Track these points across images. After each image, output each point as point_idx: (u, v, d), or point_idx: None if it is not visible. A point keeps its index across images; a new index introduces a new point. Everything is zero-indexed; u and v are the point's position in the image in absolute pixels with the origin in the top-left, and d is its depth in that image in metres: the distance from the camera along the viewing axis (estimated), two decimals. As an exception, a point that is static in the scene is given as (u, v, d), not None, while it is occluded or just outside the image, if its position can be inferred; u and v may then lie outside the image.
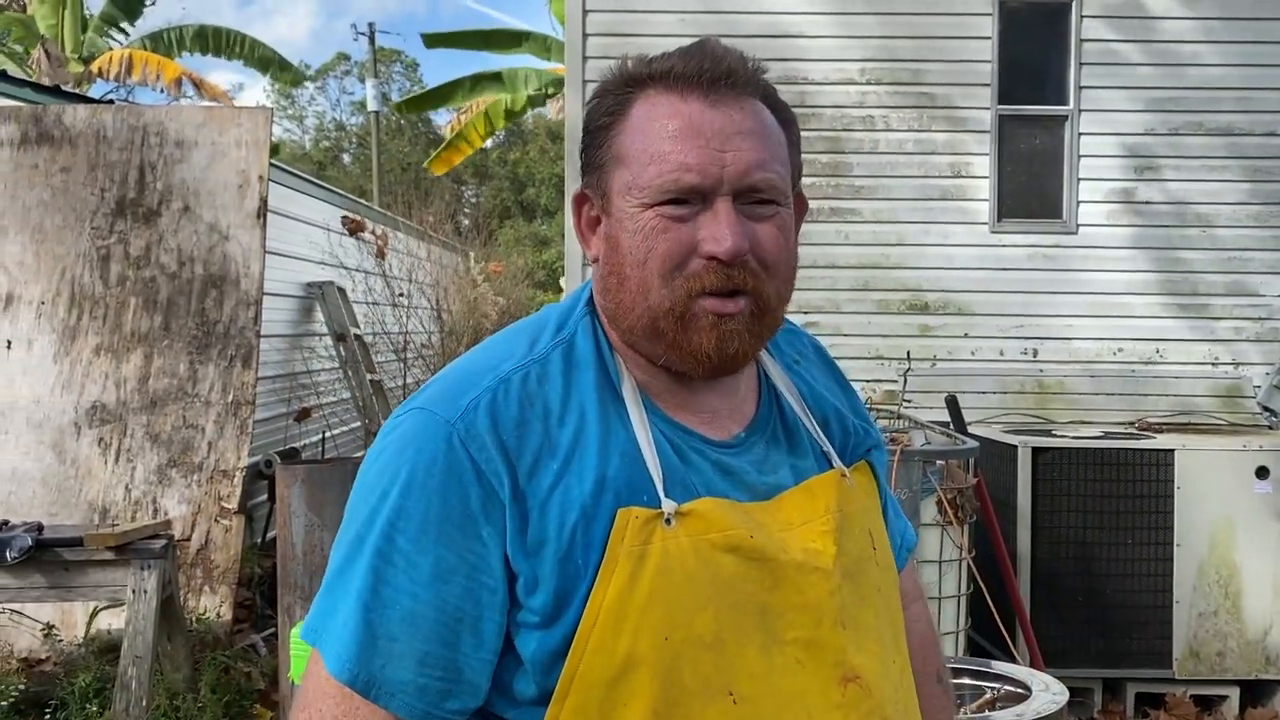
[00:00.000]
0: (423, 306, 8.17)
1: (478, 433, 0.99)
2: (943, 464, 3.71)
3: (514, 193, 30.09)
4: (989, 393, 5.73)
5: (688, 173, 1.02)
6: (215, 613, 4.80)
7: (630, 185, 1.04)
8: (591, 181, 1.09)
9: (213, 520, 4.94)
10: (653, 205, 1.03)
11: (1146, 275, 6.12)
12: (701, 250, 1.02)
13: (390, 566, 0.98)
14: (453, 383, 1.05)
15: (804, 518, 1.08)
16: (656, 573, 0.98)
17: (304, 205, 7.18)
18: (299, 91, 34.84)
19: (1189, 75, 6.08)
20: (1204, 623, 4.41)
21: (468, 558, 0.98)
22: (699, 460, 1.06)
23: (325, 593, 1.03)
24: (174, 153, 5.36)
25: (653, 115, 1.04)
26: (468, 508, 0.98)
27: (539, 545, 0.98)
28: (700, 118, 1.03)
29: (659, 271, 1.03)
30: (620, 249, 1.05)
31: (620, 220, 1.05)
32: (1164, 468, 4.41)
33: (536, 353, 1.06)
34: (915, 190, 6.12)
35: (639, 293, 1.04)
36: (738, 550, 1.01)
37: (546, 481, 0.99)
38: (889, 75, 6.12)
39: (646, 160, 1.03)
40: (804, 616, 1.03)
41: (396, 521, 0.98)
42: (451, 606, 0.98)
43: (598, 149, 1.08)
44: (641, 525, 0.99)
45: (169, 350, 5.16)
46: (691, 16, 6.06)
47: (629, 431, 1.03)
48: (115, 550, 3.82)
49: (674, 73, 1.04)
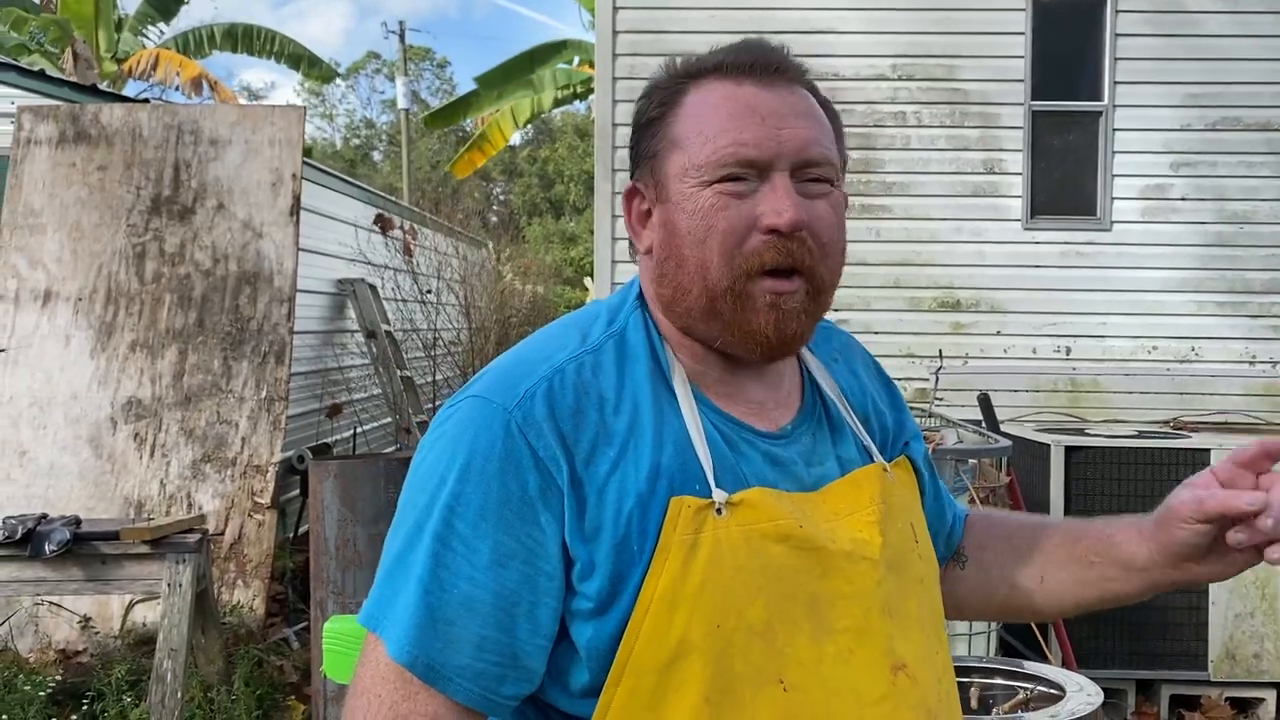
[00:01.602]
0: (451, 303, 8.20)
1: (535, 420, 1.00)
2: (975, 463, 3.68)
3: (542, 189, 30.15)
4: (1021, 391, 5.68)
5: (744, 147, 1.03)
6: (248, 606, 4.84)
7: (687, 166, 1.05)
8: (644, 173, 1.10)
9: (246, 515, 4.99)
10: (711, 183, 1.03)
11: (1182, 272, 6.05)
12: (761, 224, 1.03)
13: (449, 551, 0.99)
14: (508, 371, 1.06)
15: (850, 508, 1.09)
16: (708, 561, 0.99)
17: (336, 203, 7.23)
18: (330, 90, 35.10)
19: (1226, 70, 6.00)
20: (1240, 624, 4.36)
21: (526, 543, 0.98)
22: (749, 450, 1.07)
23: (385, 579, 1.03)
24: (208, 151, 5.42)
25: (707, 100, 1.06)
26: (526, 493, 0.99)
27: (596, 531, 0.99)
28: (755, 99, 1.05)
29: (720, 249, 1.03)
30: (678, 231, 1.06)
31: (678, 203, 1.06)
32: (1200, 467, 4.24)
33: (589, 344, 1.07)
34: (947, 187, 6.08)
35: (698, 272, 1.04)
36: (788, 540, 1.02)
37: (603, 469, 1.00)
38: (921, 71, 6.08)
39: (703, 140, 1.04)
40: (853, 606, 1.04)
41: (455, 507, 0.99)
42: (509, 591, 0.98)
43: (650, 139, 1.09)
44: (694, 514, 1.00)
45: (203, 346, 5.22)
46: (722, 14, 6.05)
47: (681, 422, 1.04)
48: (151, 544, 3.86)
49: (726, 64, 1.07)
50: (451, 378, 8.30)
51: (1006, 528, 1.32)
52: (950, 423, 4.25)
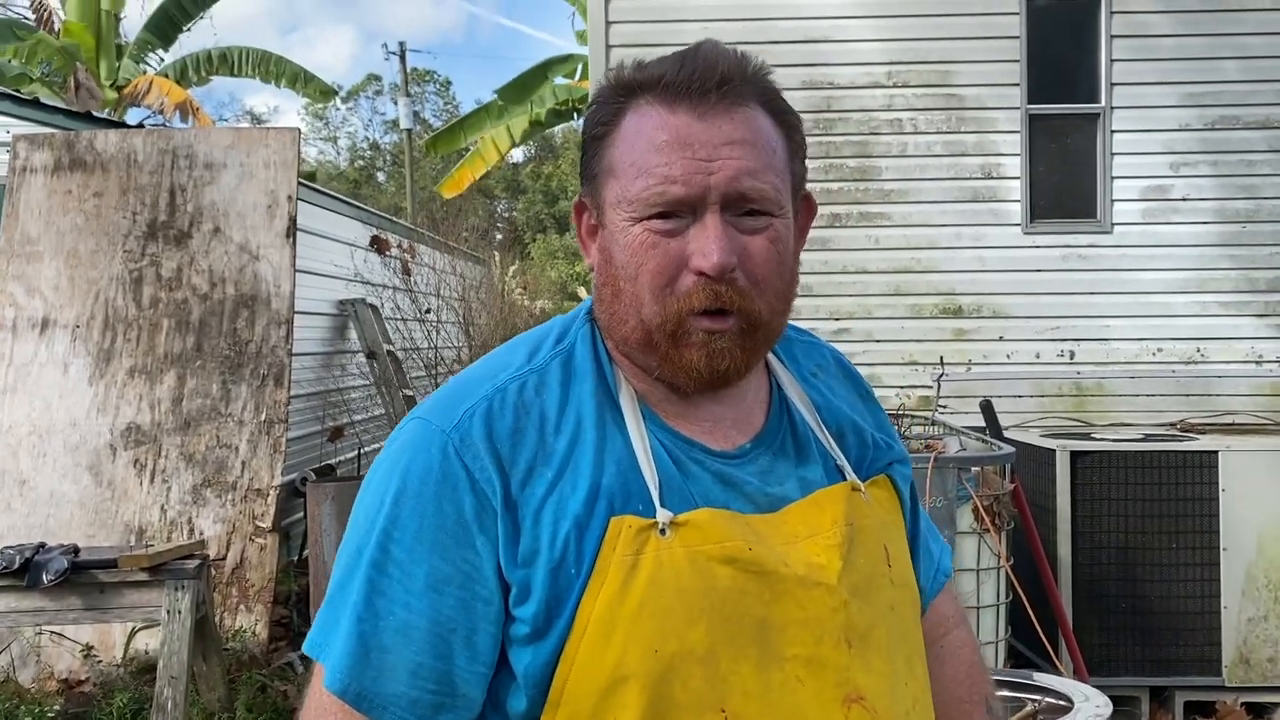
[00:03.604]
0: (451, 321, 8.18)
1: (472, 441, 0.99)
2: (978, 470, 3.64)
3: (546, 205, 30.21)
4: (1026, 396, 5.63)
5: (673, 185, 1.00)
6: (251, 631, 4.81)
7: (620, 199, 1.03)
8: (588, 191, 1.09)
9: (247, 539, 4.97)
10: (641, 219, 1.02)
11: (1185, 273, 6.00)
12: (691, 265, 1.01)
13: (385, 577, 0.97)
14: (450, 393, 1.05)
15: (810, 531, 1.05)
16: (648, 583, 0.96)
17: (335, 223, 7.22)
18: (333, 113, 35.25)
19: (1223, 68, 5.96)
20: (1254, 628, 4.30)
21: (462, 568, 0.97)
22: (698, 470, 1.04)
23: (327, 606, 1.02)
24: (203, 175, 5.42)
25: (641, 128, 1.03)
26: (462, 517, 0.97)
27: (532, 555, 0.97)
28: (688, 130, 1.01)
29: (650, 288, 1.02)
30: (614, 262, 1.05)
31: (613, 233, 1.05)
32: (1208, 469, 4.31)
33: (535, 362, 1.06)
34: (946, 193, 6.04)
35: (632, 306, 1.04)
36: (735, 562, 0.99)
37: (540, 490, 0.98)
38: (916, 77, 6.06)
39: (634, 173, 1.02)
40: (805, 633, 1.00)
41: (391, 531, 0.98)
42: (445, 617, 0.97)
43: (592, 158, 1.08)
44: (635, 534, 0.97)
45: (202, 371, 5.20)
46: (716, 25, 6.04)
47: (626, 440, 1.02)
48: (149, 571, 3.85)
49: (664, 81, 1.03)
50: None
51: (952, 668, 1.25)
52: (953, 430, 4.21)
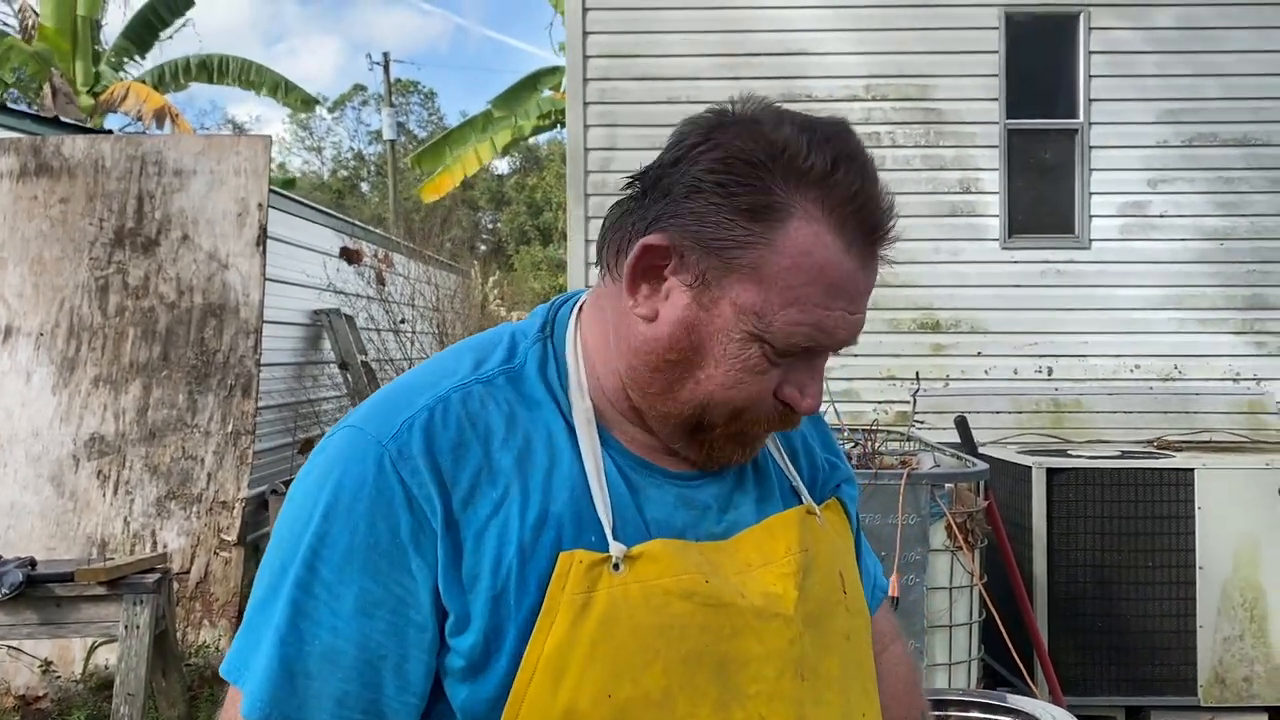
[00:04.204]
0: (426, 332, 8.10)
1: (410, 454, 0.90)
2: (952, 487, 3.59)
3: (530, 217, 30.14)
4: (1003, 412, 5.60)
5: (823, 335, 0.93)
6: (215, 646, 4.72)
7: (755, 310, 0.91)
8: (696, 251, 0.91)
9: (212, 552, 4.87)
10: (766, 344, 0.92)
11: (1163, 290, 5.99)
12: (784, 394, 0.96)
13: (311, 598, 0.90)
14: (387, 400, 0.96)
15: (764, 559, 0.99)
16: (600, 623, 0.89)
17: (308, 232, 7.14)
18: (316, 123, 35.12)
19: (1201, 86, 5.96)
20: (1229, 647, 4.26)
21: (395, 591, 0.89)
22: (655, 494, 0.97)
23: (247, 627, 0.94)
24: (172, 181, 5.33)
25: (816, 255, 0.91)
26: (397, 536, 0.89)
27: (472, 580, 0.90)
28: (852, 281, 0.93)
29: (728, 405, 0.95)
30: (704, 355, 0.93)
31: (719, 329, 0.92)
32: (1184, 487, 4.27)
33: (482, 373, 0.97)
34: (924, 207, 6.02)
35: (703, 403, 0.95)
36: (692, 596, 0.92)
37: (484, 511, 0.91)
38: (895, 91, 6.04)
39: (787, 301, 0.91)
40: (766, 668, 0.94)
41: (319, 549, 0.90)
42: (374, 643, 0.90)
43: (726, 233, 0.91)
44: (586, 571, 0.90)
45: (168, 380, 5.11)
46: (695, 36, 6.01)
47: (578, 463, 0.94)
48: (107, 585, 3.75)
49: (843, 208, 0.91)
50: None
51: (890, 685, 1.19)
52: (927, 446, 4.16)
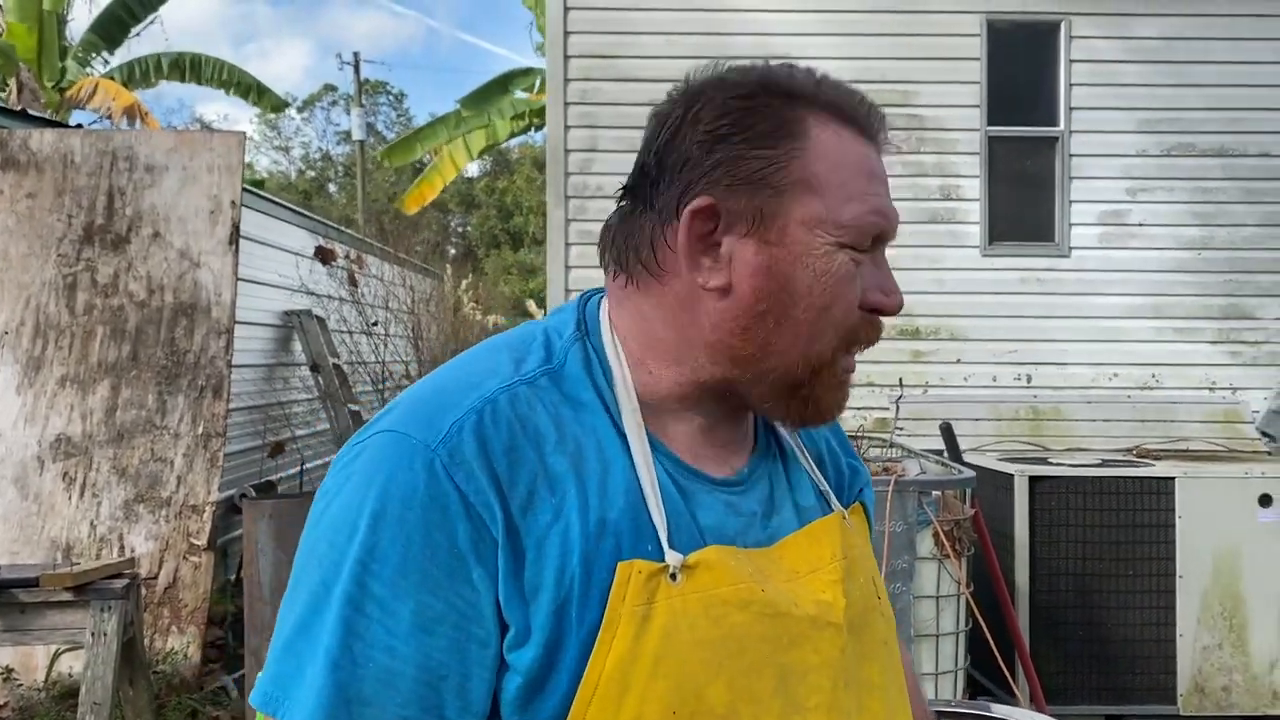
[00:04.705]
0: (399, 335, 8.00)
1: (464, 458, 0.84)
2: (939, 495, 3.56)
3: (501, 221, 30.01)
4: (982, 419, 5.59)
5: (883, 219, 0.94)
6: (183, 654, 4.61)
7: (824, 219, 0.91)
8: (740, 196, 0.91)
9: (181, 557, 4.76)
10: (846, 247, 0.92)
11: (1141, 299, 6.01)
12: (869, 301, 0.94)
13: (363, 617, 0.82)
14: (427, 402, 0.89)
15: (810, 566, 0.96)
16: (662, 637, 0.85)
17: (281, 232, 7.03)
18: (286, 123, 34.80)
19: (1181, 95, 6.00)
20: (1208, 656, 4.26)
21: (456, 604, 0.83)
22: (706, 499, 0.93)
23: (285, 651, 0.85)
24: (144, 178, 5.22)
25: (845, 148, 0.93)
26: (455, 546, 0.83)
27: (535, 591, 0.84)
28: (880, 166, 0.96)
29: (838, 322, 0.93)
30: (794, 288, 0.91)
31: (800, 255, 0.91)
32: (1165, 496, 4.27)
33: (524, 373, 0.91)
34: (905, 213, 5.89)
35: (805, 339, 0.92)
36: (749, 606, 0.88)
37: (544, 518, 0.85)
38: (876, 96, 5.86)
39: (846, 196, 0.92)
40: (823, 679, 0.91)
41: (369, 563, 0.83)
42: (435, 662, 0.83)
43: (761, 165, 0.91)
44: (645, 581, 0.85)
45: (137, 381, 5.00)
46: (676, 38, 5.97)
47: (631, 469, 0.90)
48: (73, 591, 3.64)
49: (841, 105, 0.95)
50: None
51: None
52: (912, 453, 4.13)
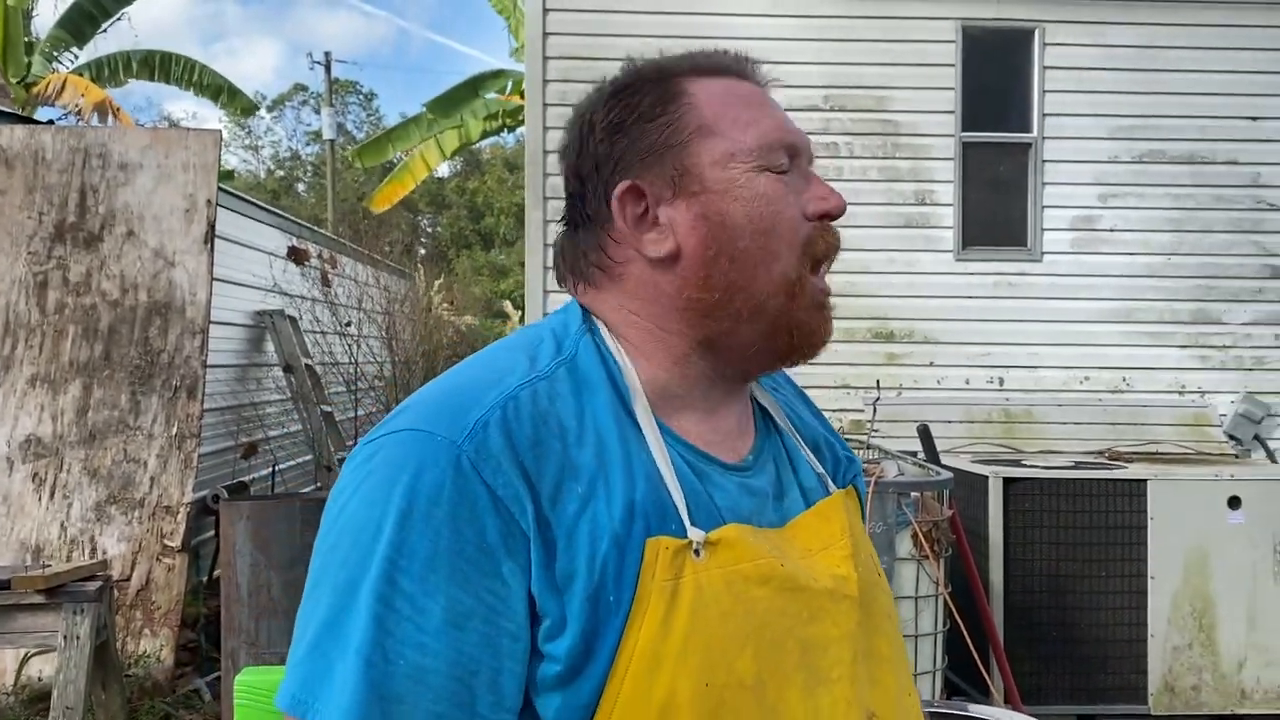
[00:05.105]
0: (373, 336, 7.95)
1: (491, 453, 0.85)
2: (917, 496, 3.59)
3: (471, 221, 29.90)
4: (955, 422, 5.64)
5: (788, 133, 0.98)
6: (156, 657, 4.56)
7: (733, 151, 0.96)
8: (653, 167, 0.97)
9: (154, 559, 4.71)
10: (765, 169, 0.96)
11: (1112, 303, 6.09)
12: (810, 210, 0.97)
13: (393, 613, 0.82)
14: (448, 399, 0.90)
15: (822, 543, 0.99)
16: (691, 611, 0.87)
17: (255, 232, 6.97)
18: (255, 122, 34.51)
19: (1152, 103, 6.08)
20: (1178, 656, 4.32)
21: (486, 599, 0.83)
22: (720, 481, 0.96)
23: (312, 651, 0.85)
24: (117, 175, 5.16)
25: (727, 89, 0.99)
26: (484, 540, 0.83)
27: (568, 580, 0.85)
28: (763, 96, 1.01)
29: (787, 236, 0.96)
30: (732, 222, 0.95)
31: (726, 191, 0.96)
32: (1137, 498, 4.33)
33: (540, 369, 0.93)
34: (880, 218, 6.05)
35: (761, 266, 0.95)
36: (770, 581, 0.91)
37: (572, 507, 0.86)
38: (852, 102, 6.07)
39: (743, 125, 0.97)
40: (843, 651, 0.94)
41: (397, 560, 0.82)
42: (467, 657, 0.83)
43: (659, 132, 0.97)
44: (672, 557, 0.87)
45: (109, 381, 4.94)
46: (654, 41, 5.97)
47: (648, 454, 0.92)
48: (45, 594, 3.60)
49: (711, 64, 1.01)
50: (374, 412, 8.04)
51: None
52: (890, 455, 4.16)
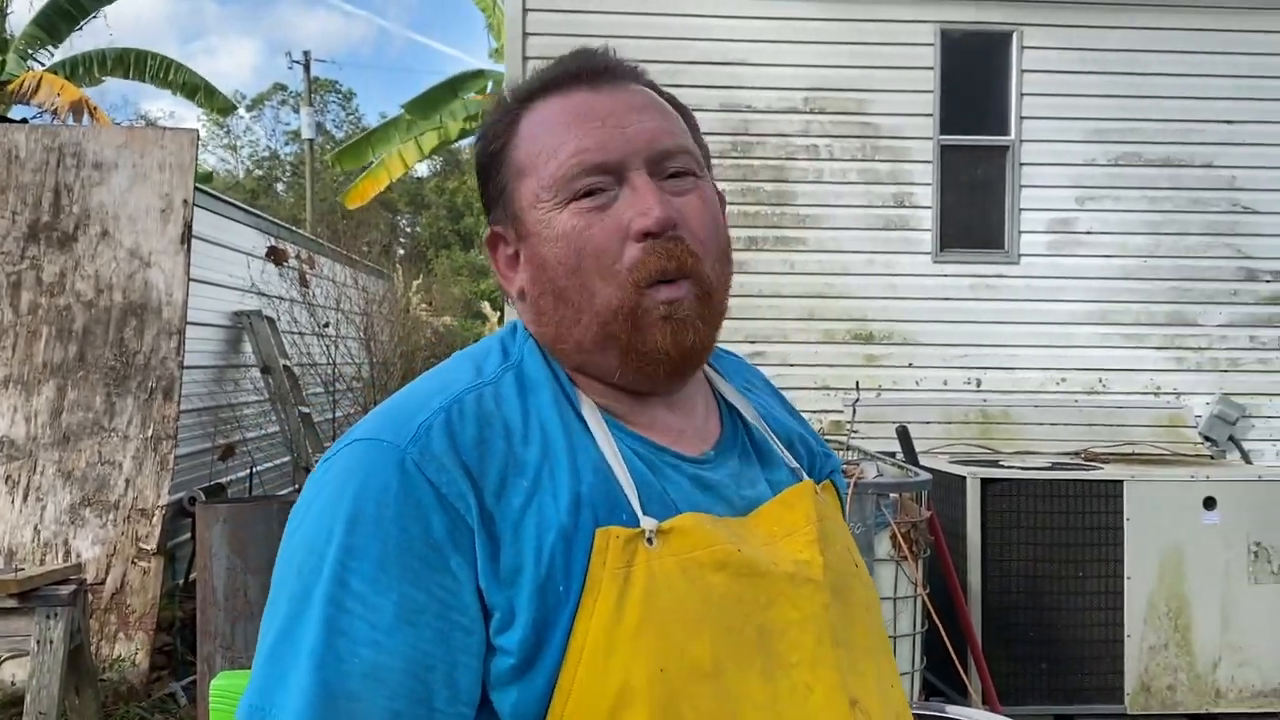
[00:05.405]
0: (351, 337, 7.91)
1: (434, 453, 0.87)
2: (896, 497, 3.60)
3: (451, 222, 29.82)
4: (933, 423, 5.66)
5: (588, 153, 0.94)
6: (131, 661, 4.52)
7: (537, 193, 0.96)
8: (499, 214, 1.01)
9: (129, 562, 4.67)
10: (567, 202, 0.95)
11: (1088, 305, 6.13)
12: (632, 230, 0.94)
13: (345, 614, 0.84)
14: (397, 410, 0.93)
15: (786, 530, 0.99)
16: (644, 597, 0.87)
17: (233, 232, 6.93)
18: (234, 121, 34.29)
19: (1129, 106, 6.12)
20: (1154, 656, 4.35)
21: (437, 594, 0.85)
22: (674, 474, 0.97)
23: (269, 659, 0.86)
24: (92, 175, 5.11)
25: (539, 119, 0.99)
26: (431, 537, 0.85)
27: (515, 572, 0.86)
28: (590, 104, 0.97)
29: (597, 269, 0.94)
30: (548, 264, 0.96)
31: (539, 234, 0.97)
32: (1113, 499, 4.35)
33: (486, 375, 0.97)
34: (859, 220, 6.07)
35: (582, 300, 0.95)
36: (726, 566, 0.91)
37: (518, 500, 0.88)
38: (832, 105, 6.08)
39: (545, 159, 0.96)
40: (804, 635, 0.93)
41: (347, 562, 0.84)
42: (421, 653, 0.84)
43: (496, 175, 1.01)
44: (623, 545, 0.88)
45: (84, 382, 4.89)
46: (634, 41, 5.97)
47: (596, 449, 0.94)
48: (18, 597, 3.56)
49: (551, 80, 1.00)
50: (352, 414, 8.00)
51: None
52: (870, 455, 4.17)
